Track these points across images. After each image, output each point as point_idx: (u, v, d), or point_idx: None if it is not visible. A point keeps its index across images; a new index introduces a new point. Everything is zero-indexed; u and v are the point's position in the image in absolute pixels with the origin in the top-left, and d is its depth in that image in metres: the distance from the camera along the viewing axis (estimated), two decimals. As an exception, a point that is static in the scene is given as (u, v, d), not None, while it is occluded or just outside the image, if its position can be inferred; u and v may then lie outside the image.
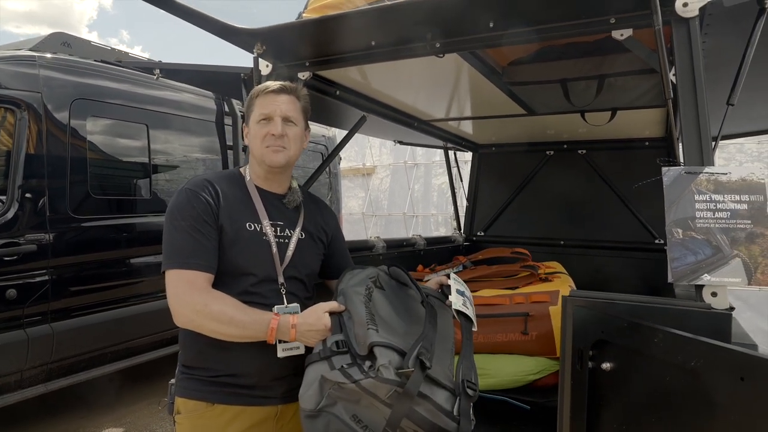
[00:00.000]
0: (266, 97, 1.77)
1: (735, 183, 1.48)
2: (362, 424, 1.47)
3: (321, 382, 1.50)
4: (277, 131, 1.74)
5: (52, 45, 4.39)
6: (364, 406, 1.47)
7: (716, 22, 1.73)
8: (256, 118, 1.77)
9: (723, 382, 1.13)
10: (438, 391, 1.46)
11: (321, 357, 1.55)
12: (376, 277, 1.79)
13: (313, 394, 1.50)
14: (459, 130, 4.10)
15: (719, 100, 1.81)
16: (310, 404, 1.50)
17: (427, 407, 1.43)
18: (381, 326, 1.56)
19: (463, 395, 1.48)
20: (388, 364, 1.44)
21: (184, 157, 5.11)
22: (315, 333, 1.62)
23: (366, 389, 1.43)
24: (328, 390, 1.49)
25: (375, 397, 1.43)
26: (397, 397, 1.41)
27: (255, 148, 1.78)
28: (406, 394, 1.40)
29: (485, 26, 1.84)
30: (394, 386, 1.41)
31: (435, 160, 13.37)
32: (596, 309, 1.57)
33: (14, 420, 4.20)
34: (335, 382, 1.47)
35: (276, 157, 1.75)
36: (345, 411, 1.48)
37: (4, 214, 3.60)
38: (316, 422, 1.50)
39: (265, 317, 1.60)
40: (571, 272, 3.26)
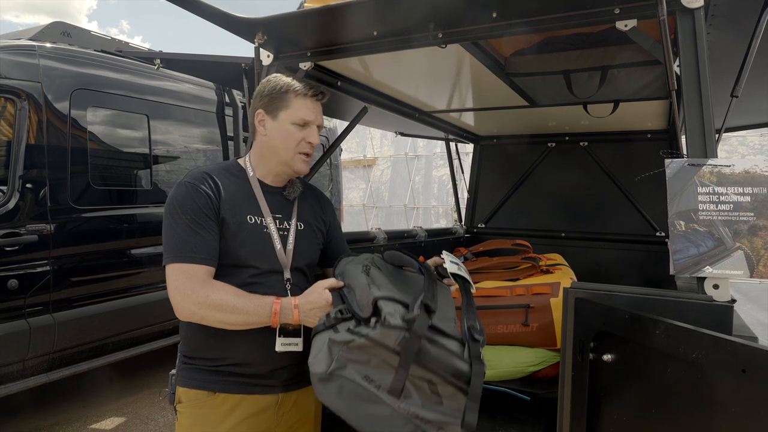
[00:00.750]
0: (310, 102, 1.75)
1: (738, 175, 1.48)
2: (375, 383, 1.47)
3: (329, 345, 1.50)
4: (317, 141, 1.75)
5: (52, 35, 4.37)
6: (374, 366, 1.48)
7: (721, 14, 1.72)
8: (292, 119, 1.73)
9: (724, 375, 1.13)
10: (446, 340, 1.47)
11: (326, 326, 1.55)
12: (372, 259, 1.80)
13: (323, 357, 1.50)
14: (460, 121, 4.08)
15: (723, 92, 1.81)
16: (321, 367, 1.49)
17: (437, 350, 1.44)
18: (382, 288, 1.57)
19: (470, 341, 1.49)
20: (394, 312, 1.45)
21: (185, 147, 5.10)
22: (317, 310, 1.62)
23: (375, 340, 1.44)
24: (338, 353, 1.49)
25: (385, 347, 1.44)
26: (405, 342, 1.42)
27: (284, 150, 1.75)
28: (414, 335, 1.41)
29: (488, 17, 1.83)
30: (403, 331, 1.42)
31: (436, 151, 13.37)
32: (597, 301, 1.57)
33: (16, 409, 4.23)
34: (343, 342, 1.48)
35: (305, 166, 1.78)
36: (357, 373, 1.48)
37: (5, 205, 3.60)
38: (329, 386, 1.49)
39: (267, 301, 1.60)
40: (572, 264, 3.26)
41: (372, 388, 1.47)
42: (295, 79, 1.78)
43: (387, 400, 1.46)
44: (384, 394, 1.46)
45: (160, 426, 4.14)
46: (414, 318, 1.43)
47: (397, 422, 1.46)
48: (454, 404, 1.46)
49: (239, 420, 1.67)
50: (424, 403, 1.46)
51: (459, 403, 1.46)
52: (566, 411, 1.63)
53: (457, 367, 1.44)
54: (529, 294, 2.64)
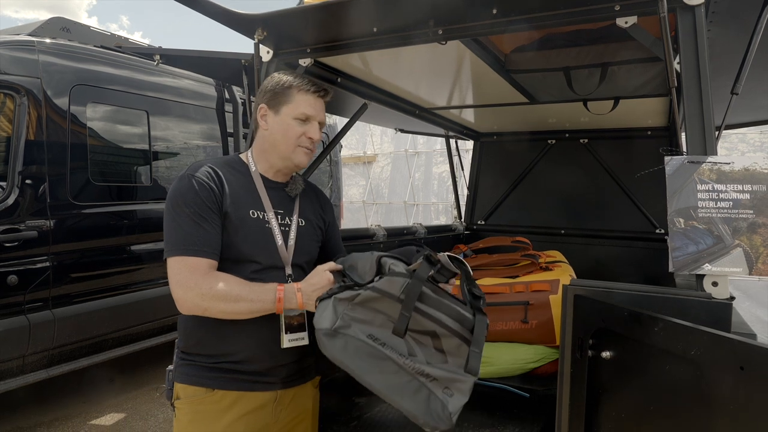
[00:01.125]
0: (312, 98, 1.76)
1: (738, 173, 1.48)
2: (380, 341, 1.49)
3: (334, 303, 1.52)
4: (317, 136, 1.77)
5: (52, 30, 4.36)
6: (378, 326, 1.50)
7: (722, 11, 1.71)
8: (294, 113, 1.74)
9: (723, 372, 1.14)
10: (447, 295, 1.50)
11: (329, 294, 1.57)
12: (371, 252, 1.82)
13: (328, 315, 1.52)
14: (460, 118, 4.08)
15: (723, 90, 1.81)
16: (326, 323, 1.51)
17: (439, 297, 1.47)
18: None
19: (470, 298, 1.52)
20: (397, 263, 1.50)
21: (185, 143, 5.10)
22: (320, 291, 1.63)
23: (380, 289, 1.46)
24: (342, 311, 1.51)
25: (389, 296, 1.46)
26: (409, 286, 1.44)
27: (284, 143, 1.76)
28: (416, 279, 1.44)
29: (488, 13, 1.82)
30: (407, 278, 1.45)
31: (436, 148, 13.36)
32: (596, 298, 1.58)
33: (16, 405, 4.24)
34: (348, 298, 1.50)
35: (305, 160, 1.78)
36: (361, 332, 1.50)
37: (5, 200, 3.60)
38: (335, 341, 1.50)
39: (270, 287, 1.61)
40: (572, 261, 3.27)
41: (377, 345, 1.48)
42: (298, 76, 1.79)
43: (392, 356, 1.47)
44: (388, 350, 1.48)
45: (160, 422, 4.15)
46: (417, 266, 1.46)
47: (403, 379, 1.47)
48: (459, 360, 1.47)
49: (237, 416, 1.67)
50: (429, 360, 1.48)
51: (464, 359, 1.46)
52: (565, 408, 1.64)
53: (461, 312, 1.46)
54: (528, 291, 2.65)
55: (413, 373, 1.47)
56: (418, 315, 1.46)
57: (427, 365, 1.47)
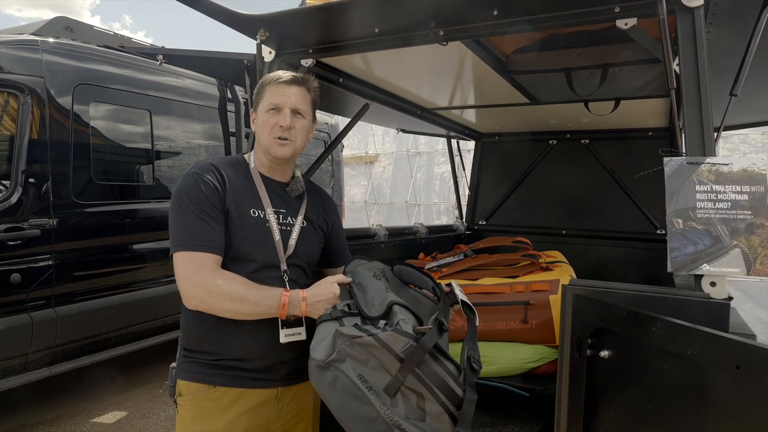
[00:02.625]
0: (277, 87, 1.76)
1: (736, 174, 1.48)
2: (367, 384, 1.51)
3: (335, 335, 1.53)
4: (286, 123, 1.74)
5: (55, 29, 4.38)
6: (371, 368, 1.51)
7: (721, 13, 1.72)
8: (265, 107, 1.77)
9: (719, 371, 1.15)
10: (446, 362, 1.51)
11: (332, 317, 1.59)
12: (383, 269, 1.83)
13: (326, 345, 1.53)
14: (462, 118, 4.09)
15: (722, 91, 1.81)
16: (321, 355, 1.53)
17: (437, 367, 1.48)
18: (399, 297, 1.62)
19: (468, 369, 1.54)
20: (408, 320, 1.50)
21: (187, 143, 5.12)
22: (324, 303, 1.65)
23: (383, 341, 1.47)
24: (341, 345, 1.52)
25: (389, 350, 1.47)
26: (411, 350, 1.45)
27: (262, 137, 1.78)
28: (421, 347, 1.45)
29: (489, 14, 1.83)
30: (411, 340, 1.45)
31: (438, 148, 13.35)
32: (595, 298, 1.59)
33: (19, 403, 4.25)
34: (349, 336, 1.51)
35: (281, 150, 1.77)
36: (353, 369, 1.51)
37: (8, 199, 3.62)
38: (325, 374, 1.53)
39: (276, 293, 1.62)
40: (573, 262, 3.27)
41: (364, 388, 1.50)
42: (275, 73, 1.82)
43: (375, 403, 1.49)
44: (372, 397, 1.50)
45: (162, 420, 4.17)
46: (426, 331, 1.47)
47: (378, 426, 1.50)
48: (436, 424, 1.49)
49: (239, 413, 1.68)
50: (408, 415, 1.50)
51: (442, 425, 1.49)
52: (564, 407, 1.65)
53: (451, 387, 1.48)
54: (528, 291, 2.65)
55: (389, 423, 1.49)
56: (411, 375, 1.48)
57: (404, 420, 1.49)
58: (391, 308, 1.54)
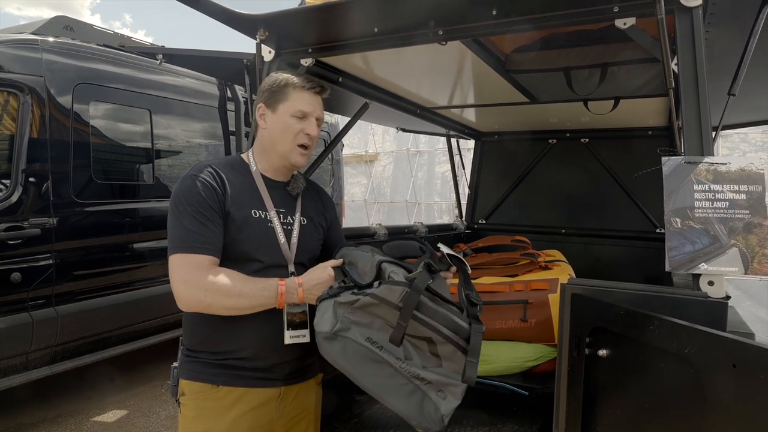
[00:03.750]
0: (307, 95, 1.77)
1: (734, 173, 1.49)
2: (377, 344, 1.53)
3: (334, 307, 1.55)
4: (315, 132, 1.77)
5: (55, 29, 4.39)
6: (377, 329, 1.53)
7: (719, 12, 1.72)
8: (291, 111, 1.76)
9: (716, 369, 1.15)
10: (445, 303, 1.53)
11: (329, 294, 1.60)
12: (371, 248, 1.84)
13: (328, 318, 1.55)
14: (462, 117, 4.09)
15: (721, 90, 1.82)
16: (326, 326, 1.54)
17: (436, 305, 1.50)
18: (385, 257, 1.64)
19: (468, 305, 1.56)
20: (398, 271, 1.52)
21: (187, 142, 5.12)
22: (321, 286, 1.66)
23: (379, 296, 1.49)
24: (342, 314, 1.54)
25: (388, 303, 1.49)
26: (407, 296, 1.47)
27: (282, 141, 1.77)
28: (415, 289, 1.47)
29: (488, 14, 1.83)
30: (406, 287, 1.48)
31: (438, 147, 13.35)
32: (594, 297, 1.59)
33: (19, 402, 4.26)
34: (348, 302, 1.53)
35: (302, 159, 1.80)
36: (360, 334, 1.53)
37: (8, 198, 3.62)
38: (334, 344, 1.54)
39: (272, 283, 1.63)
40: (572, 261, 3.28)
41: (374, 348, 1.52)
42: (295, 75, 1.81)
43: (389, 360, 1.52)
44: (385, 354, 1.52)
45: (162, 419, 4.18)
46: (416, 275, 1.49)
47: (398, 381, 1.52)
48: (453, 365, 1.51)
49: (242, 413, 1.69)
50: (424, 364, 1.52)
51: (458, 364, 1.51)
52: (562, 405, 1.65)
53: (456, 321, 1.50)
54: (527, 290, 2.66)
55: (408, 376, 1.51)
56: (415, 322, 1.49)
57: (422, 369, 1.51)
58: (380, 267, 1.56)
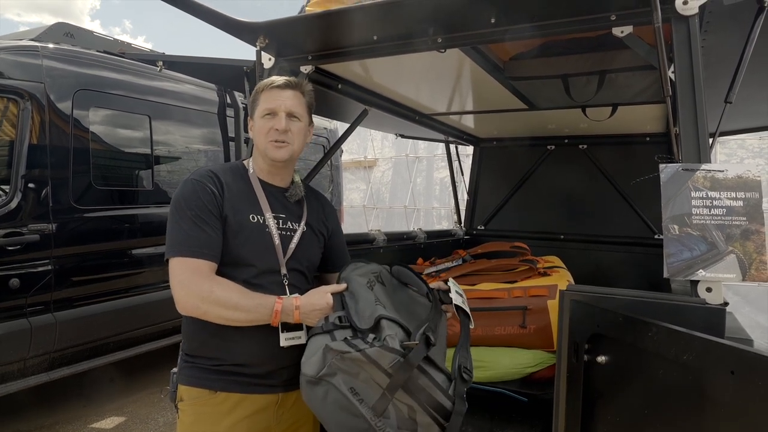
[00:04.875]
0: (271, 92, 1.79)
1: (731, 180, 1.50)
2: (359, 397, 1.51)
3: (325, 351, 1.54)
4: (281, 126, 1.76)
5: (55, 35, 4.40)
6: (362, 381, 1.52)
7: (716, 20, 1.74)
8: (260, 113, 1.79)
9: (714, 376, 1.16)
10: (436, 372, 1.52)
11: (323, 330, 1.59)
12: (379, 273, 1.83)
13: (316, 361, 1.54)
14: (460, 124, 4.11)
15: (718, 97, 1.83)
16: (312, 370, 1.53)
17: (425, 381, 1.49)
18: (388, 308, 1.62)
19: (459, 380, 1.55)
20: (395, 335, 1.50)
21: (186, 148, 5.13)
22: (318, 312, 1.66)
23: (370, 357, 1.48)
24: (331, 359, 1.52)
25: (377, 366, 1.48)
26: (399, 366, 1.46)
27: (259, 142, 1.80)
28: (407, 363, 1.46)
29: (487, 22, 1.85)
30: (398, 356, 1.46)
31: (437, 153, 13.35)
32: (592, 303, 1.59)
33: (17, 408, 4.25)
34: (339, 351, 1.51)
35: (278, 153, 1.78)
36: (344, 383, 1.52)
37: (8, 204, 3.62)
38: (316, 389, 1.54)
39: (269, 301, 1.63)
40: (571, 267, 3.28)
41: (355, 401, 1.51)
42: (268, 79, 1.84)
43: (366, 415, 1.50)
44: (365, 409, 1.50)
45: (160, 426, 4.16)
46: (412, 346, 1.48)
47: None
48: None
49: (240, 418, 1.69)
50: (399, 426, 1.51)
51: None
52: (561, 412, 1.65)
53: (440, 402, 1.50)
54: (526, 296, 2.66)
55: None
56: (401, 391, 1.49)
57: (396, 430, 1.51)
58: (378, 323, 1.54)
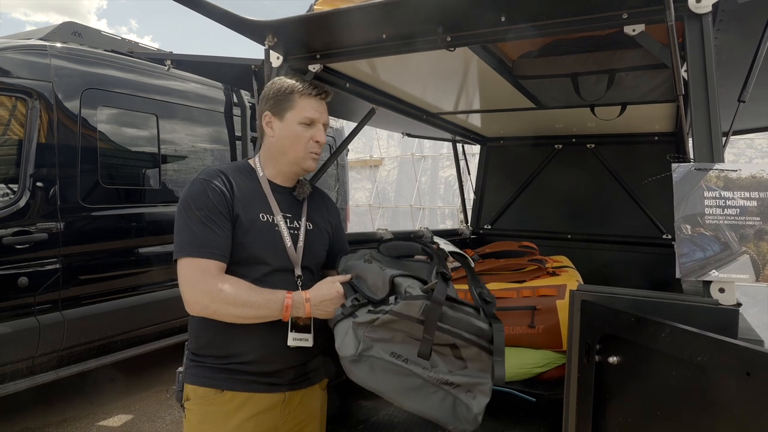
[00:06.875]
0: (314, 101, 1.79)
1: (745, 180, 1.48)
2: (402, 358, 1.54)
3: (354, 328, 1.56)
4: (324, 139, 1.79)
5: (63, 35, 4.41)
6: (398, 342, 1.55)
7: (729, 19, 1.72)
8: (299, 118, 1.77)
9: (729, 378, 1.14)
10: (461, 306, 1.54)
11: (344, 315, 1.61)
12: (369, 253, 1.86)
13: (349, 341, 1.56)
14: (467, 123, 4.09)
15: (730, 96, 1.81)
16: (349, 350, 1.55)
17: (456, 313, 1.52)
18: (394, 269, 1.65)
19: (483, 303, 1.59)
20: (413, 285, 1.53)
21: (193, 147, 5.14)
22: (329, 302, 1.67)
23: (399, 313, 1.50)
24: (362, 334, 1.54)
25: (408, 318, 1.50)
26: (428, 309, 1.49)
27: (294, 149, 1.78)
28: (435, 301, 1.48)
29: (497, 20, 1.84)
30: (424, 300, 1.49)
31: (442, 152, 13.34)
32: (603, 304, 1.58)
33: (25, 406, 4.27)
34: (367, 322, 1.53)
35: (314, 165, 1.82)
36: (383, 351, 1.55)
37: (16, 203, 3.64)
38: (361, 366, 1.55)
39: (279, 295, 1.63)
40: (579, 266, 3.26)
41: (400, 362, 1.54)
42: (298, 81, 1.82)
43: (416, 371, 1.54)
44: (412, 366, 1.54)
45: (167, 423, 4.18)
46: (433, 286, 1.50)
47: (428, 391, 1.54)
48: (479, 365, 1.55)
49: (246, 417, 1.69)
50: (450, 369, 1.55)
51: (483, 363, 1.54)
52: (572, 412, 1.64)
53: (478, 325, 1.53)
54: (535, 296, 2.65)
55: (437, 383, 1.54)
56: (439, 332, 1.51)
57: (449, 374, 1.54)
58: (393, 282, 1.56)
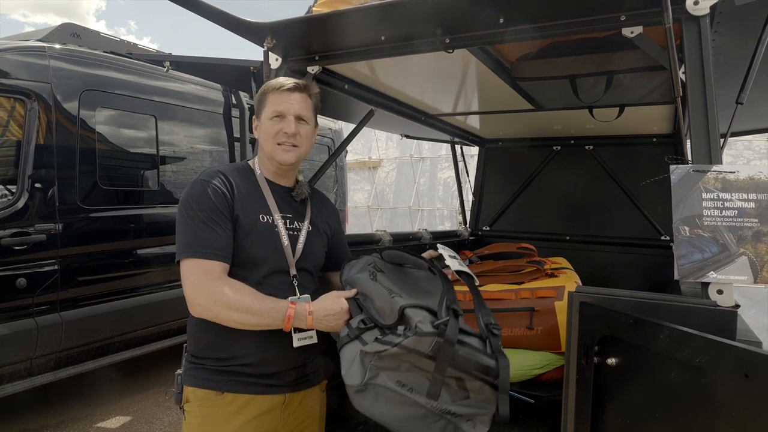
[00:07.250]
0: (280, 95, 1.78)
1: (743, 182, 1.49)
2: (407, 387, 1.55)
3: (361, 356, 1.56)
4: (291, 130, 1.77)
5: (62, 36, 4.41)
6: (404, 371, 1.55)
7: (727, 21, 1.73)
8: (268, 115, 1.78)
9: (727, 379, 1.15)
10: (470, 338, 1.55)
11: (351, 338, 1.60)
12: (373, 263, 1.85)
13: (356, 369, 1.56)
14: (466, 124, 4.10)
15: (728, 98, 1.82)
16: (356, 380, 1.55)
17: (466, 351, 1.52)
18: (404, 295, 1.64)
19: (491, 336, 1.59)
20: (424, 320, 1.52)
21: (192, 148, 5.14)
22: (332, 317, 1.66)
23: (409, 348, 1.50)
24: (369, 363, 1.54)
25: (418, 353, 1.50)
26: (439, 346, 1.49)
27: (266, 144, 1.80)
28: (447, 341, 1.49)
29: (495, 22, 1.84)
30: (435, 337, 1.49)
31: (441, 154, 13.35)
32: (602, 305, 1.58)
33: (23, 407, 4.26)
34: (375, 352, 1.53)
35: (287, 156, 1.79)
36: (389, 380, 1.55)
37: (15, 204, 3.63)
38: (366, 395, 1.55)
39: (282, 305, 1.63)
40: (577, 268, 3.27)
41: (405, 391, 1.55)
42: (275, 80, 1.83)
43: (420, 401, 1.55)
44: (416, 396, 1.55)
45: (166, 425, 4.17)
46: (445, 323, 1.50)
47: (430, 420, 1.56)
48: (481, 396, 1.56)
49: (247, 419, 1.68)
50: (453, 399, 1.56)
51: (485, 395, 1.56)
52: (571, 414, 1.64)
53: (484, 363, 1.53)
54: (533, 297, 2.66)
55: (439, 413, 1.56)
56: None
57: (452, 404, 1.56)
58: (403, 314, 1.55)
